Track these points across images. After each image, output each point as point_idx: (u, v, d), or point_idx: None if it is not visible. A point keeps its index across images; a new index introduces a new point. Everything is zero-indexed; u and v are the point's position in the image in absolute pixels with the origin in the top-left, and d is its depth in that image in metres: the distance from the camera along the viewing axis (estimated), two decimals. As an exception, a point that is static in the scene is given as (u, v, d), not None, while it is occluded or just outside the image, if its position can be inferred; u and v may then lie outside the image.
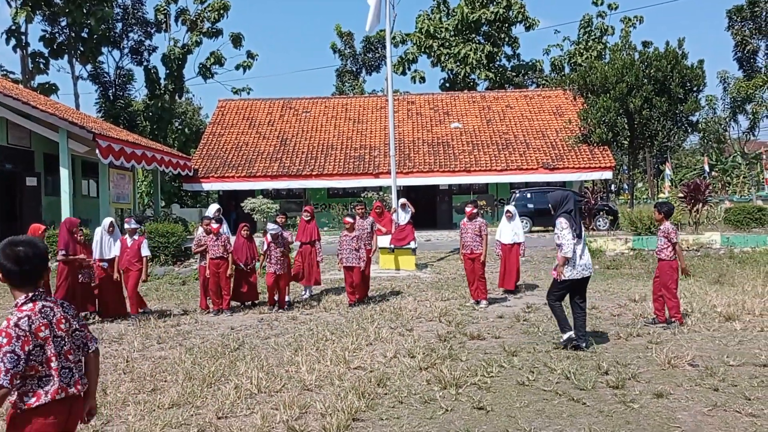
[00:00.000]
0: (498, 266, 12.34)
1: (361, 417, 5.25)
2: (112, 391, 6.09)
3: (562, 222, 7.10)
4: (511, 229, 11.79)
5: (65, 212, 18.29)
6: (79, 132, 18.70)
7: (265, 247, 10.76)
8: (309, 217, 11.69)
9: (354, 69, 52.80)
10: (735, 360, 6.60)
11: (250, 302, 11.17)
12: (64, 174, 18.78)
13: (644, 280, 12.57)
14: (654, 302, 8.73)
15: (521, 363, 6.75)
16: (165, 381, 6.47)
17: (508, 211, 11.92)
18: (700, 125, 39.92)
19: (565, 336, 7.31)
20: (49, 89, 37.30)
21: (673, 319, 8.35)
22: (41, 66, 37.90)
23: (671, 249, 8.45)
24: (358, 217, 11.58)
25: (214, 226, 10.49)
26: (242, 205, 24.54)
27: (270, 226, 10.73)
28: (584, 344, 7.26)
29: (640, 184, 51.89)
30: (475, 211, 10.68)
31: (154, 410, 5.55)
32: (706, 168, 41.77)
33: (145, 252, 10.31)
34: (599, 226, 21.49)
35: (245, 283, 10.97)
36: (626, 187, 34.79)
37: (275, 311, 10.47)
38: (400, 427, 5.04)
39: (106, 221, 10.51)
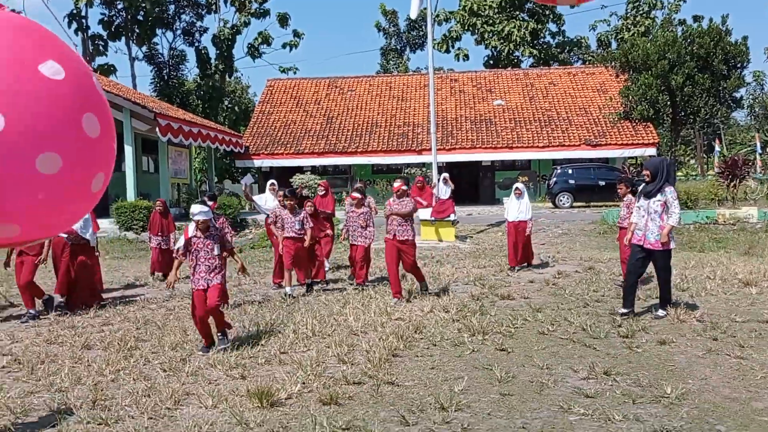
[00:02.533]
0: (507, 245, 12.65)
1: (400, 354, 6.18)
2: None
3: (674, 191, 7.21)
4: (517, 207, 11.56)
5: (129, 187, 19.75)
6: (141, 111, 20.09)
7: (181, 242, 7.15)
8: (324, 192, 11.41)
9: (398, 47, 53.33)
10: (741, 317, 7.27)
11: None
12: (128, 151, 20.22)
13: (675, 252, 13.04)
14: (622, 264, 9.45)
15: (544, 317, 7.56)
16: (233, 326, 7.52)
17: (517, 188, 11.66)
18: (744, 101, 39.15)
19: (663, 312, 7.46)
20: (108, 70, 39.25)
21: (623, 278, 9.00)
22: (100, 48, 39.89)
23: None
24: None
25: (209, 203, 8.57)
26: (291, 180, 25.70)
27: (195, 209, 6.53)
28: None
29: (692, 161, 50.97)
30: (404, 188, 8.90)
31: (227, 346, 6.59)
32: (758, 144, 40.95)
33: None
34: (638, 201, 21.78)
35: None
36: (672, 163, 34.64)
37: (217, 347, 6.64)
38: (432, 361, 5.95)
39: None
